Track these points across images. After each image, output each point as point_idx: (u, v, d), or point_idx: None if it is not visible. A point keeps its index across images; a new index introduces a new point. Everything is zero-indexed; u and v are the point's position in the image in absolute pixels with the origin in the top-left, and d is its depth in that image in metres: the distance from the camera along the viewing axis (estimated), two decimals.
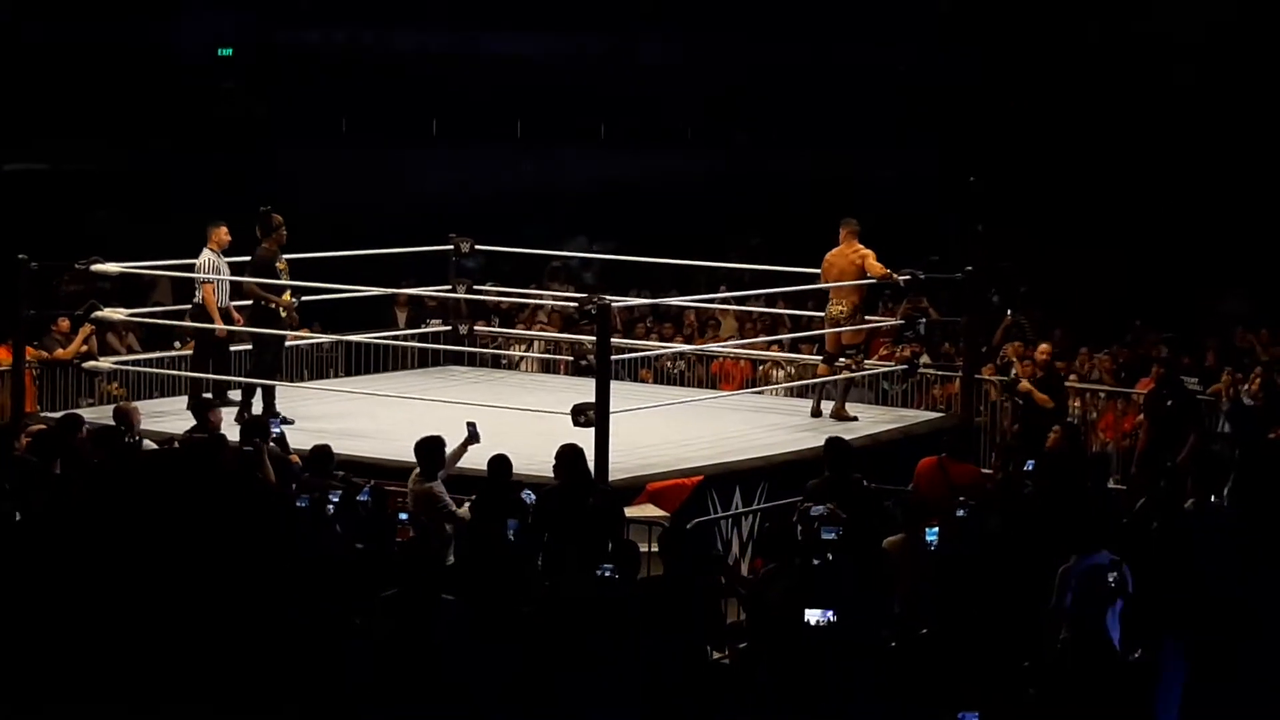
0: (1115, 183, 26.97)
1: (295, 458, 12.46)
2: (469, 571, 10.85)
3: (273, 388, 14.75)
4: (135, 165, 26.46)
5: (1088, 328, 19.22)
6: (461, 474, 12.19)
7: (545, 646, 9.41)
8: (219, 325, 15.00)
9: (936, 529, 10.66)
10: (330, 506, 11.22)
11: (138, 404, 14.25)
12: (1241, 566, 10.55)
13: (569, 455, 11.66)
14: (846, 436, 13.74)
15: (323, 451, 12.07)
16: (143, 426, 13.17)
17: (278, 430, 12.53)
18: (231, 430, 12.83)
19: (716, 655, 10.96)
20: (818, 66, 29.90)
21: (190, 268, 15.30)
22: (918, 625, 9.99)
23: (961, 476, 12.51)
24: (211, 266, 15.03)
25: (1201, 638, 9.59)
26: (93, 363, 15.70)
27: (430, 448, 11.92)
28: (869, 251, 15.30)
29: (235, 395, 14.87)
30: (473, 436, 12.29)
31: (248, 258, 14.99)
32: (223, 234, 15.14)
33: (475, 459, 12.11)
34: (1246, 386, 15.90)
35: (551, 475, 11.83)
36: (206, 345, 15.24)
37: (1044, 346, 15.96)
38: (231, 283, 15.01)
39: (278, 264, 14.71)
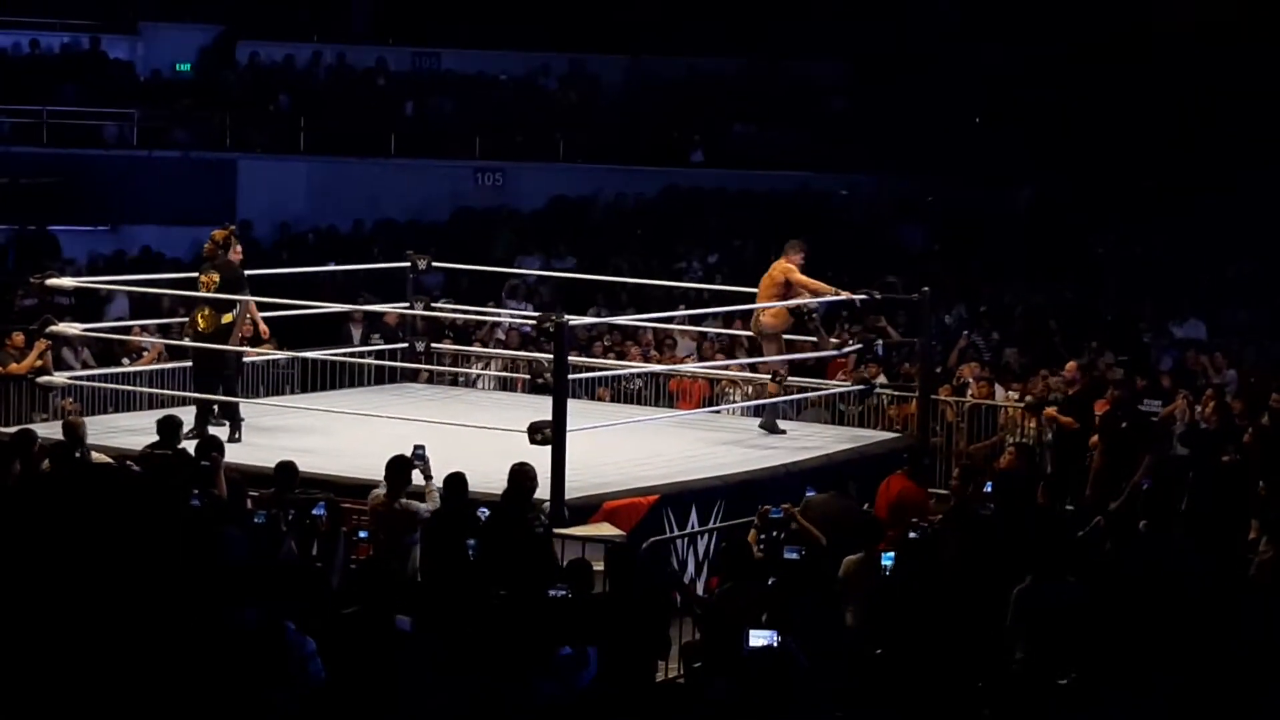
0: (1070, 206, 27.15)
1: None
2: (428, 590, 10.86)
3: (209, 407, 14.70)
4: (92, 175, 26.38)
5: (1042, 350, 19.30)
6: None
7: (497, 664, 9.40)
8: (264, 332, 14.93)
9: (893, 555, 10.71)
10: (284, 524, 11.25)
11: (88, 419, 14.19)
12: (1195, 588, 10.63)
13: (514, 474, 11.68)
14: (801, 456, 13.82)
15: (287, 468, 12.05)
16: (96, 442, 13.10)
17: (422, 459, 12.30)
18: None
19: (670, 674, 11.01)
20: (770, 83, 30.04)
21: (154, 283, 15.25)
22: (871, 646, 10.02)
23: (902, 495, 12.59)
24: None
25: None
26: (47, 378, 15.62)
27: (399, 466, 11.90)
28: (788, 268, 15.30)
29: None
30: (420, 463, 12.18)
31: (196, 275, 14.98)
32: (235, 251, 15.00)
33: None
34: (1200, 409, 15.98)
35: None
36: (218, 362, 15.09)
37: (1070, 366, 16.02)
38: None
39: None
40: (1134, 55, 27.41)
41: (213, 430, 14.15)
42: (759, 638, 9.11)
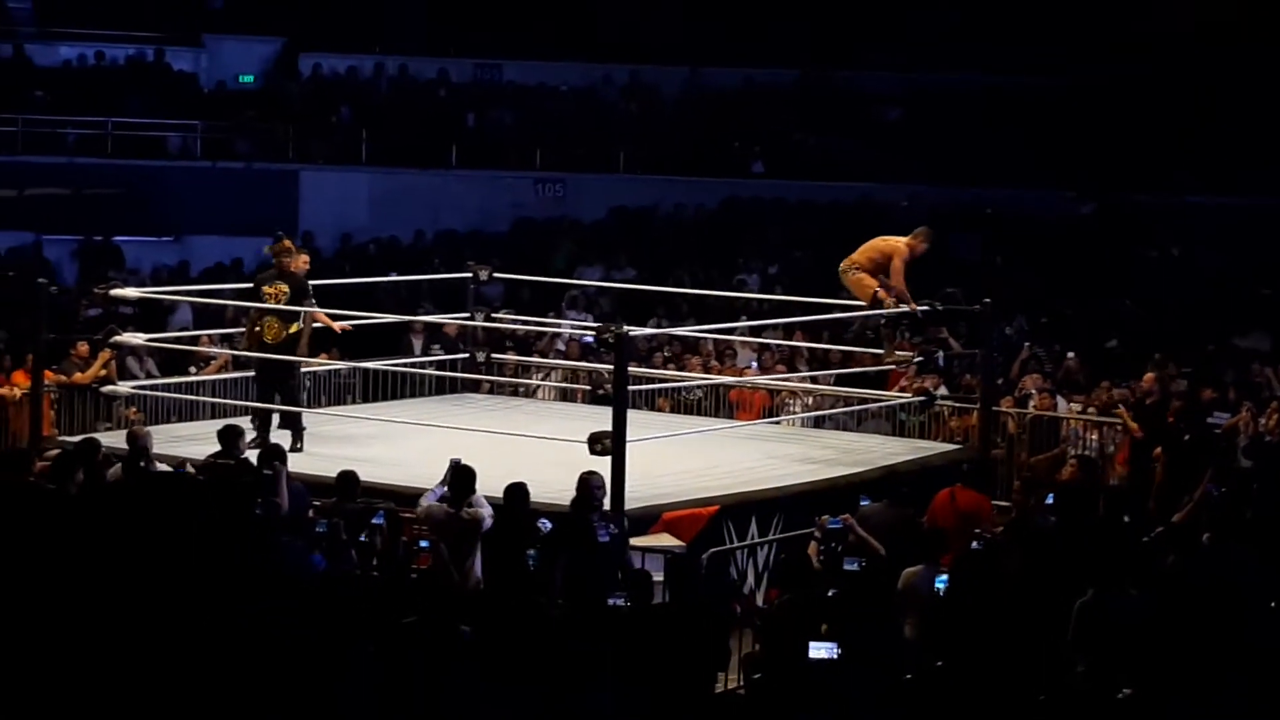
0: (1130, 216, 27.02)
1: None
2: (488, 600, 10.88)
3: (270, 416, 14.77)
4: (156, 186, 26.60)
5: (1105, 361, 19.21)
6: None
7: (556, 675, 9.40)
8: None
9: (946, 577, 10.67)
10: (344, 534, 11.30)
11: (153, 428, 14.28)
12: (1259, 600, 10.55)
13: (582, 483, 11.72)
14: (861, 468, 13.77)
15: (348, 477, 12.09)
16: (159, 451, 13.18)
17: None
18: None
19: (729, 685, 10.99)
20: (827, 93, 30.02)
21: (218, 294, 15.37)
22: (931, 658, 9.99)
23: (969, 505, 12.53)
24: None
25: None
26: (111, 387, 15.72)
27: (461, 476, 11.91)
28: (907, 256, 15.23)
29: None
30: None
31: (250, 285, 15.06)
32: (304, 260, 15.11)
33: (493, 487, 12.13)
34: (1264, 421, 15.87)
35: (568, 504, 11.87)
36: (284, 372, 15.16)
37: (1149, 377, 15.94)
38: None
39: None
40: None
41: (274, 439, 14.21)
42: (819, 649, 9.09)
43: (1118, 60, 27.76)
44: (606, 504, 11.98)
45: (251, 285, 15.07)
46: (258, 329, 14.80)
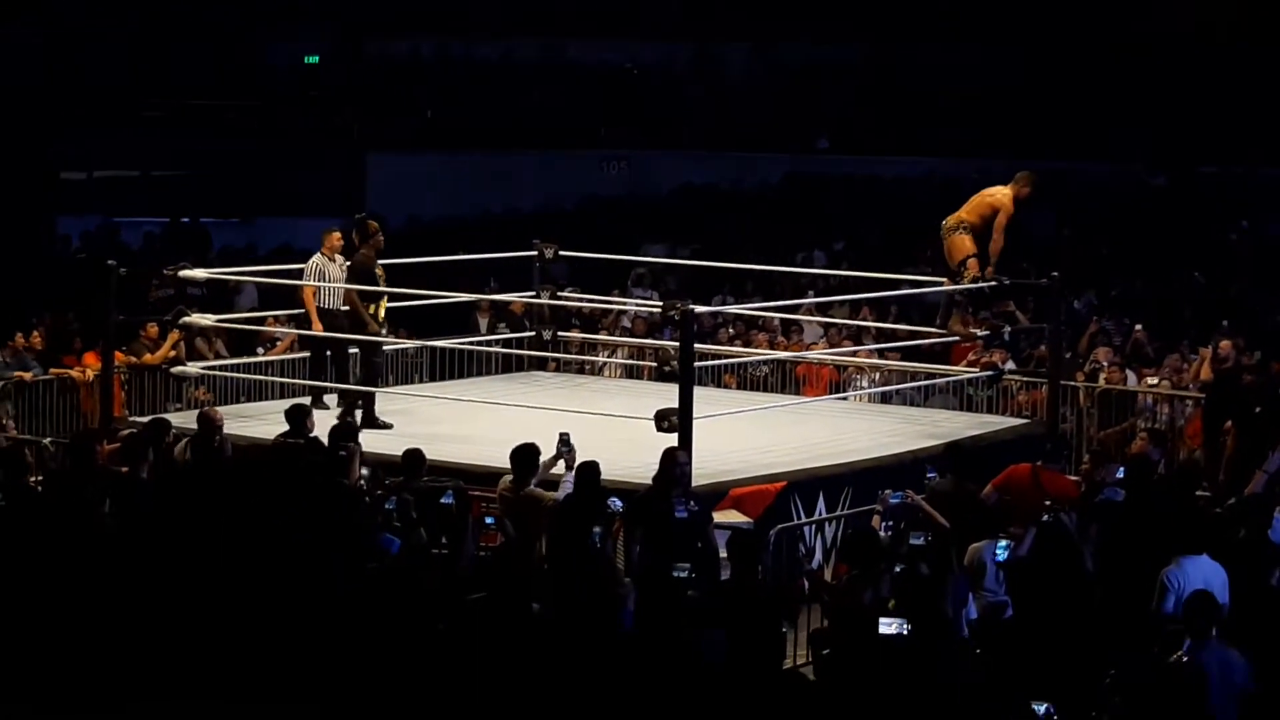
0: (1202, 191, 26.82)
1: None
2: (555, 578, 10.90)
3: (373, 395, 14.82)
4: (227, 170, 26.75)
5: (1173, 334, 19.05)
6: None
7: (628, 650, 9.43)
8: (316, 327, 15.12)
9: (1006, 544, 10.63)
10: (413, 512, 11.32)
11: (221, 408, 14.35)
12: None
13: (664, 460, 11.68)
14: (929, 442, 13.71)
15: (414, 455, 12.13)
16: (229, 430, 13.24)
17: (567, 449, 12.33)
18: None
19: (798, 662, 10.99)
20: (894, 70, 29.91)
21: (285, 274, 15.46)
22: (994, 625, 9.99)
23: (1054, 485, 12.42)
24: (316, 271, 15.18)
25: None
26: (180, 368, 15.83)
27: (525, 455, 11.93)
28: (1011, 207, 15.15)
29: (330, 401, 14.98)
30: (565, 450, 12.22)
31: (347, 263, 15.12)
32: (335, 239, 15.29)
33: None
34: None
35: (635, 481, 11.87)
36: (321, 351, 15.34)
37: (1224, 344, 15.78)
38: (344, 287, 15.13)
39: (377, 270, 14.79)
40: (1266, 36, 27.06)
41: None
42: (888, 625, 9.07)
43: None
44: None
45: (369, 267, 14.86)
46: (373, 309, 14.80)
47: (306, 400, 14.39)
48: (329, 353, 15.31)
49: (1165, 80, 27.94)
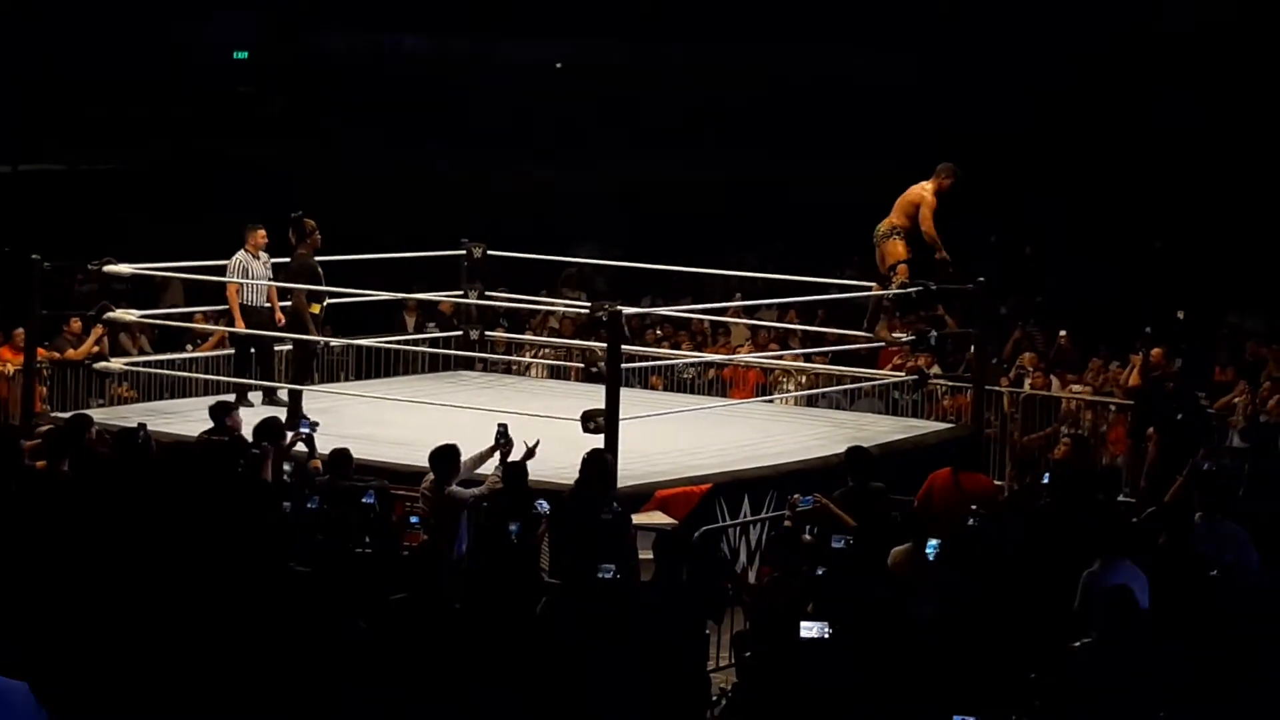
0: (1124, 195, 26.98)
1: (317, 462, 12.48)
2: (476, 576, 10.88)
3: (299, 392, 14.78)
4: (148, 166, 26.55)
5: (1097, 338, 19.15)
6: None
7: (547, 651, 9.40)
8: (239, 325, 15.08)
9: (936, 542, 10.66)
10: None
11: (145, 404, 14.25)
12: (1249, 578, 10.55)
13: (590, 462, 11.70)
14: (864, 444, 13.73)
15: (341, 455, 12.08)
16: (153, 427, 13.14)
17: (307, 431, 12.56)
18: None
19: (720, 664, 10.99)
20: (833, 76, 29.97)
21: (210, 270, 15.40)
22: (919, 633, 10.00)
23: (974, 486, 12.50)
24: (240, 268, 15.12)
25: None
26: (104, 364, 15.70)
27: (445, 455, 11.94)
28: (932, 200, 15.22)
29: (254, 398, 14.93)
30: (502, 440, 12.25)
31: (286, 260, 15.06)
32: (259, 236, 15.25)
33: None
34: (1259, 401, 15.86)
35: (559, 482, 11.87)
36: (245, 348, 15.29)
37: (1156, 351, 15.79)
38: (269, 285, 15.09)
39: (318, 269, 14.83)
40: None
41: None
42: (809, 629, 9.08)
43: None
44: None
45: (309, 265, 14.93)
46: (314, 307, 14.79)
47: (230, 397, 14.31)
48: (253, 350, 15.25)
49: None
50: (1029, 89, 28.18)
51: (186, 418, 14.23)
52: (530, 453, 12.29)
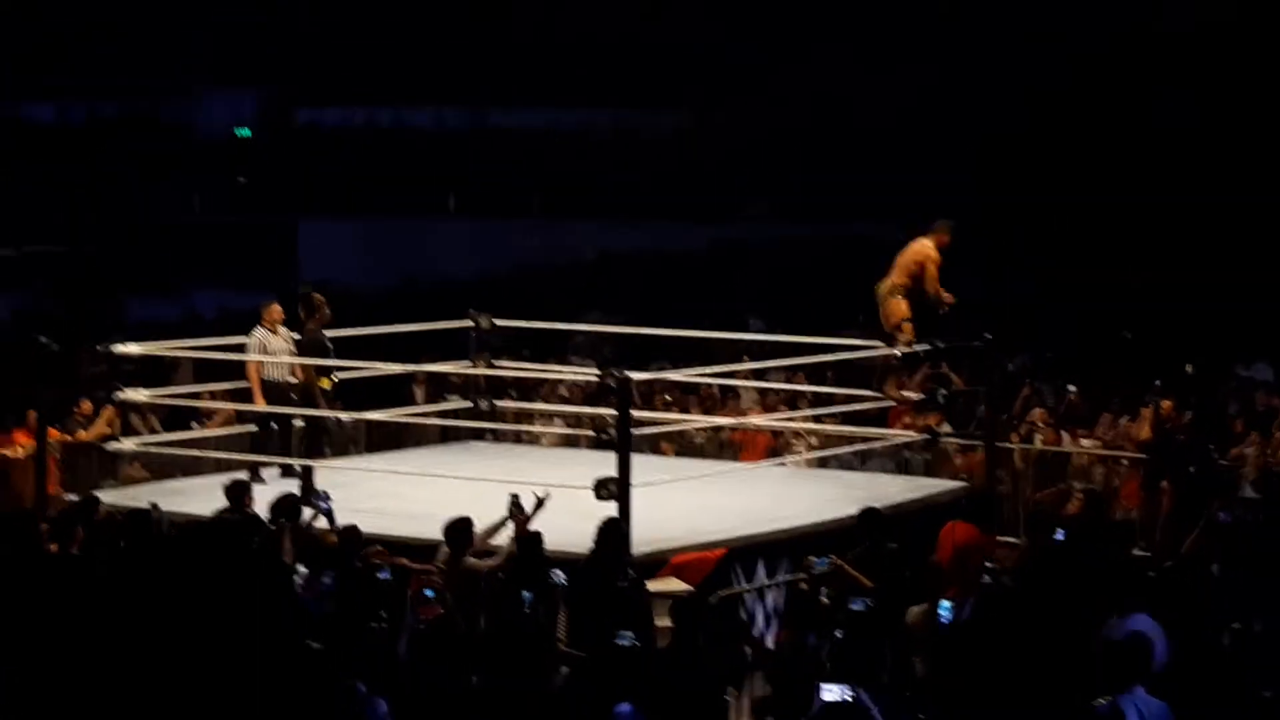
0: (1128, 248, 26.99)
1: (333, 537, 12.46)
2: (493, 645, 10.86)
3: (311, 468, 14.79)
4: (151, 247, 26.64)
5: (1108, 393, 19.14)
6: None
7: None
8: (259, 402, 15.09)
9: (949, 604, 10.64)
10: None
11: (157, 484, 14.23)
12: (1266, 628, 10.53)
13: (606, 530, 11.72)
14: (877, 505, 13.71)
15: (351, 533, 12.08)
16: (166, 508, 13.13)
17: (326, 506, 12.55)
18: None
19: None
20: (830, 134, 30.01)
21: (221, 348, 15.47)
22: (942, 694, 9.98)
23: (965, 539, 12.51)
24: (259, 344, 15.16)
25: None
26: (115, 444, 15.70)
27: (458, 528, 11.95)
28: (937, 257, 15.33)
29: (268, 476, 14.95)
30: (515, 510, 12.26)
31: (296, 336, 15.12)
32: (275, 311, 15.32)
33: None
34: (1270, 451, 15.85)
35: (574, 551, 11.86)
36: (267, 424, 15.34)
37: (1166, 404, 15.79)
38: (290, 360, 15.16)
39: (327, 344, 14.88)
40: None
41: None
42: (830, 691, 9.05)
43: None
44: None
45: (319, 339, 15.10)
46: (326, 382, 14.89)
47: (245, 475, 14.31)
48: (274, 426, 15.27)
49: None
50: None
51: (199, 497, 14.19)
52: (540, 504, 12.29)
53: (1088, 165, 27.06)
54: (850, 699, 9.01)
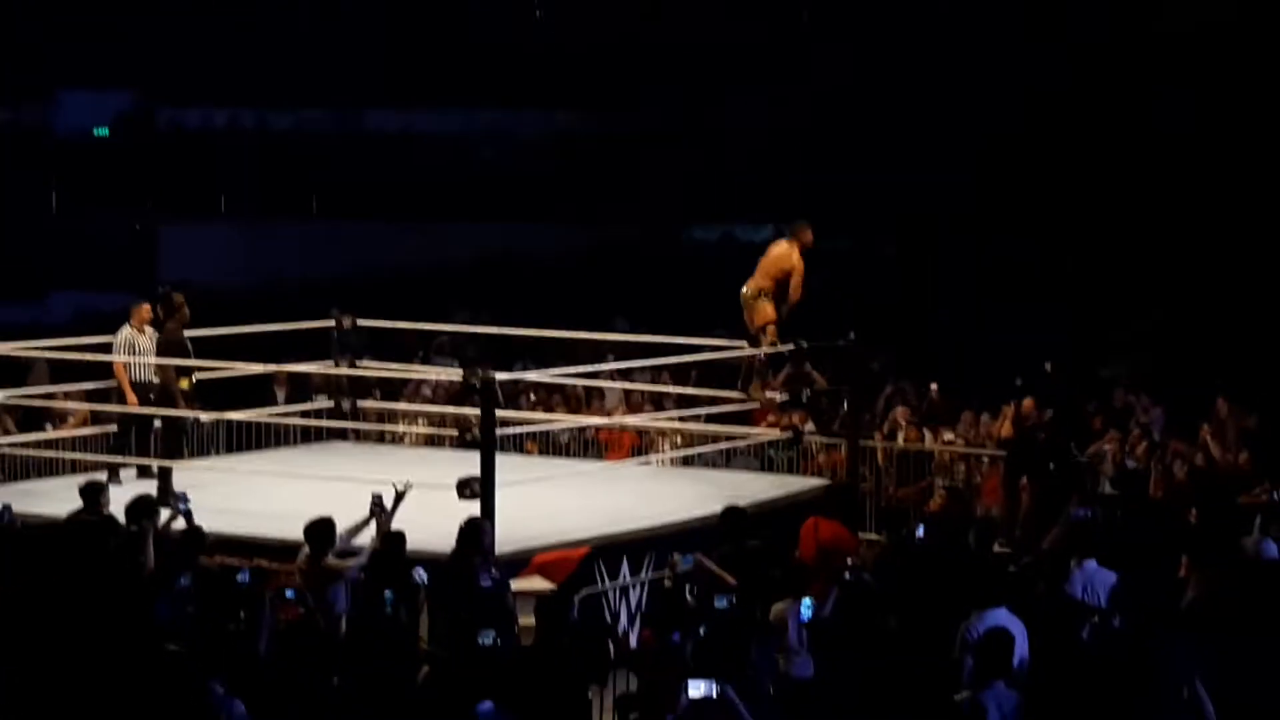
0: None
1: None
2: (355, 646, 10.77)
3: (169, 469, 14.63)
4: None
5: (968, 391, 19.30)
6: None
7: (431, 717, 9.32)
8: (131, 401, 14.95)
9: (810, 601, 10.69)
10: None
11: (10, 485, 14.01)
12: (1126, 626, 10.64)
13: (468, 530, 11.65)
14: (740, 503, 13.73)
15: (194, 534, 11.97)
16: (19, 509, 12.91)
17: (185, 507, 12.36)
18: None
19: None
20: (697, 136, 30.06)
21: (80, 348, 15.30)
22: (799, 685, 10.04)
23: (829, 536, 12.58)
24: (127, 343, 15.02)
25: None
26: None
27: (320, 528, 11.83)
28: (798, 262, 15.45)
29: (125, 476, 14.77)
30: (377, 509, 12.15)
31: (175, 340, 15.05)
32: (144, 312, 15.27)
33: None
34: (1128, 448, 16.04)
35: (437, 550, 11.78)
36: (128, 424, 15.17)
37: (1028, 402, 15.90)
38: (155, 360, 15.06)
39: (187, 344, 14.77)
40: None
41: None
42: (696, 688, 9.04)
43: None
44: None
45: (178, 339, 15.07)
46: (185, 383, 14.76)
47: (102, 476, 14.11)
48: (134, 427, 15.13)
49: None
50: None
51: (54, 498, 13.95)
52: (401, 496, 12.20)
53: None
54: (716, 695, 9.01)
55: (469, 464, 13.18)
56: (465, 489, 12.91)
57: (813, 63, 28.50)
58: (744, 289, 15.70)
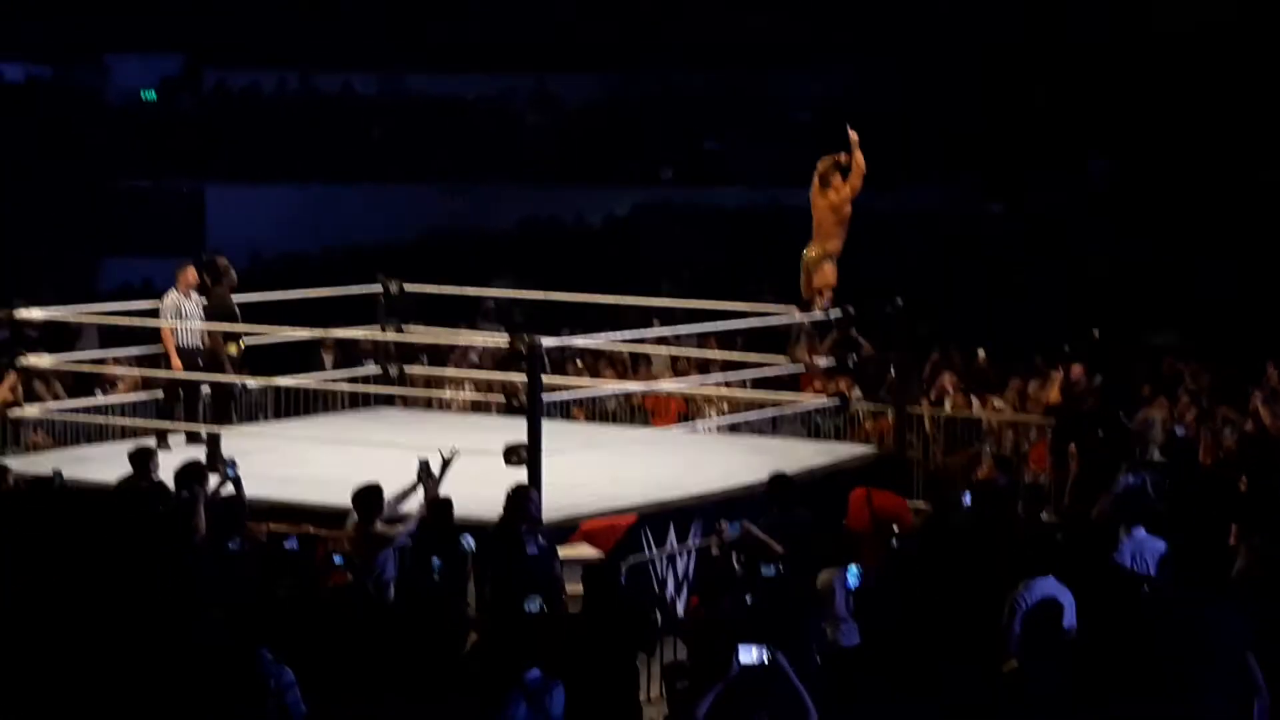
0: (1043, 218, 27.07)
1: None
2: (403, 613, 10.80)
3: (218, 435, 14.66)
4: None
5: (1013, 360, 19.22)
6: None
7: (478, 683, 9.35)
8: (176, 367, 14.96)
9: (856, 569, 10.69)
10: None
11: (60, 451, 14.08)
12: (1175, 594, 10.61)
13: (515, 497, 11.66)
14: (787, 470, 13.72)
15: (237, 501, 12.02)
16: (70, 475, 12.98)
17: (233, 474, 12.37)
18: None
19: (651, 696, 10.95)
20: (744, 98, 29.94)
21: (128, 313, 15.36)
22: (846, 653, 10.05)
23: (887, 506, 12.56)
24: (174, 309, 15.02)
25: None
26: (17, 411, 15.50)
27: (367, 495, 11.84)
28: (844, 188, 15.38)
29: (174, 442, 14.80)
30: (424, 476, 12.16)
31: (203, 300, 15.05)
32: (190, 276, 15.22)
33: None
34: (1177, 415, 15.96)
35: (484, 517, 11.80)
36: (174, 390, 15.16)
37: (1076, 368, 15.88)
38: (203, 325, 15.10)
39: (235, 309, 14.82)
40: None
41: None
42: (748, 653, 9.05)
43: None
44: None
45: (226, 304, 15.09)
46: (232, 348, 14.88)
47: (151, 442, 14.16)
48: (182, 392, 15.15)
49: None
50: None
51: (104, 464, 14.02)
52: (448, 463, 12.20)
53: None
54: (767, 661, 9.01)
55: (516, 430, 13.18)
56: (512, 455, 12.92)
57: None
58: (807, 252, 15.56)
